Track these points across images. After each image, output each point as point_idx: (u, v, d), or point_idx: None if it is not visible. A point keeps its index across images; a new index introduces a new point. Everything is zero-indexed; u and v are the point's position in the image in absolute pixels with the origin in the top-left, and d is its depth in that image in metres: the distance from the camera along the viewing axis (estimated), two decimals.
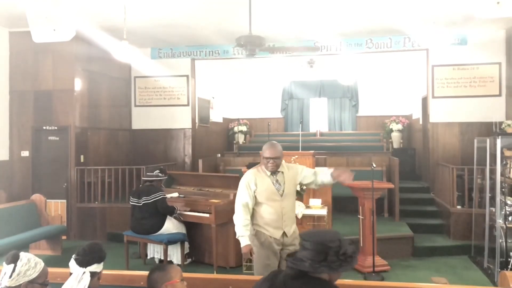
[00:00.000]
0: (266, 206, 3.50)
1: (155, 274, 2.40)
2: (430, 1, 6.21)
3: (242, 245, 3.42)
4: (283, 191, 3.50)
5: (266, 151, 3.48)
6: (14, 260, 2.26)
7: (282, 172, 3.55)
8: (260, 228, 3.51)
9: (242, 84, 12.99)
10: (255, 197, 3.51)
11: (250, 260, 3.24)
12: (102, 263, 2.51)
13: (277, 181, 3.51)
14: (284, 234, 3.49)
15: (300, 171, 3.64)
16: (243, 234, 3.43)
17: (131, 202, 5.72)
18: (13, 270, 2.23)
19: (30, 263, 2.29)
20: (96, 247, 2.50)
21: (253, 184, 3.51)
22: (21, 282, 2.24)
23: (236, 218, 3.51)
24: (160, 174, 5.81)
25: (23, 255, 2.29)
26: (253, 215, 3.55)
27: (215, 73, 10.98)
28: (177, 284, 2.38)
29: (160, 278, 2.37)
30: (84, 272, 2.42)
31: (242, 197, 3.52)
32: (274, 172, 3.52)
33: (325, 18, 6.96)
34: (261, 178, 3.53)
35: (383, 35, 8.09)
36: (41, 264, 2.32)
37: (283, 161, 3.60)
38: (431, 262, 6.08)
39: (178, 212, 5.62)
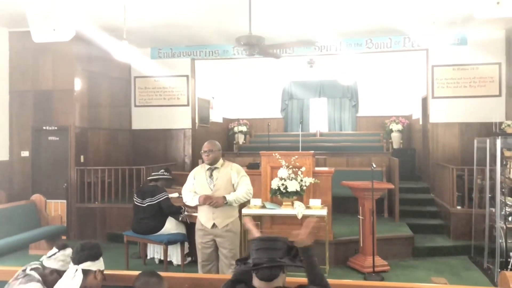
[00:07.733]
0: None
1: (152, 279, 2.40)
2: (430, 1, 6.21)
3: (199, 200, 3.94)
4: (214, 186, 3.96)
5: (203, 146, 4.01)
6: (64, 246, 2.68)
7: (218, 168, 4.01)
8: (199, 215, 4.09)
9: (242, 84, 12.98)
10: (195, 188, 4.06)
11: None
12: (97, 261, 2.52)
13: (211, 176, 4.01)
14: (215, 225, 3.95)
15: (236, 175, 3.99)
16: (194, 197, 4.00)
17: (135, 201, 5.72)
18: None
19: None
20: (88, 245, 2.54)
21: (192, 177, 4.13)
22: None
23: (185, 197, 4.10)
24: (165, 173, 5.87)
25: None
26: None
27: (215, 73, 10.98)
28: None
29: (157, 286, 2.38)
30: (76, 270, 2.45)
31: (186, 186, 4.14)
32: (211, 167, 4.00)
33: (325, 18, 6.96)
34: (199, 172, 4.10)
35: (383, 35, 8.09)
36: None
37: (225, 160, 4.11)
38: (431, 263, 6.07)
39: (186, 214, 5.59)
